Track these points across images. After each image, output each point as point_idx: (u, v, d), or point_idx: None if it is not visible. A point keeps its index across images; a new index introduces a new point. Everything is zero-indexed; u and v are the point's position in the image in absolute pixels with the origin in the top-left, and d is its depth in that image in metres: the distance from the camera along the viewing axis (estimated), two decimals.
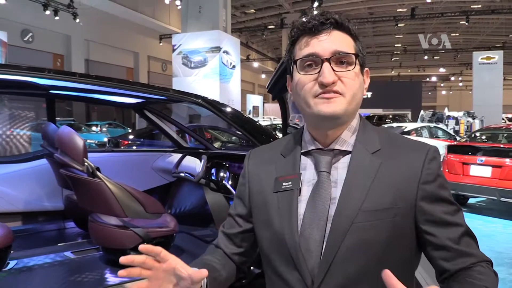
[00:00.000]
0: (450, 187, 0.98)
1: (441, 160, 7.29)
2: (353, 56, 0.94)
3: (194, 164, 3.40)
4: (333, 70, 0.92)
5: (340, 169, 0.96)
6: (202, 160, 2.89)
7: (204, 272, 0.84)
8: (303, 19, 0.97)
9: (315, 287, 0.90)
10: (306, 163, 1.01)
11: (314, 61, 0.94)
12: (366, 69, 1.01)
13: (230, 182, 2.89)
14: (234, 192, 2.79)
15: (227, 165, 2.99)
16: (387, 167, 0.94)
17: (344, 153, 0.98)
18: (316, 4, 16.96)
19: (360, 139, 0.98)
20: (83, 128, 15.94)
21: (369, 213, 0.90)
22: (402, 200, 0.91)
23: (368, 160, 0.95)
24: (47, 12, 16.46)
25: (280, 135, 5.30)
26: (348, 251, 0.89)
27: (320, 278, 0.90)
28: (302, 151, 1.02)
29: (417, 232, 0.94)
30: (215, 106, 2.63)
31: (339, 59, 0.93)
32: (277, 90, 2.27)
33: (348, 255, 0.89)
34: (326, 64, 0.92)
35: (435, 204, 0.93)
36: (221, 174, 2.95)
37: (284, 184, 0.99)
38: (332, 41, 0.93)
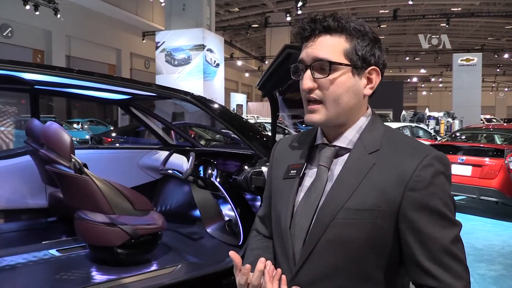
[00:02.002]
0: (449, 199, 0.91)
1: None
2: (328, 64, 0.94)
3: (181, 162, 3.38)
4: (314, 77, 0.96)
5: (339, 166, 1.00)
6: (191, 157, 2.87)
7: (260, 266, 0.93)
8: (298, 25, 1.00)
9: (293, 272, 0.96)
10: (315, 155, 1.06)
11: (304, 67, 0.99)
12: (372, 67, 0.99)
13: (218, 180, 2.88)
14: (222, 189, 2.79)
15: (215, 162, 2.98)
16: (379, 168, 0.93)
17: (346, 150, 1.00)
18: (300, 3, 17.01)
19: (362, 138, 0.99)
20: (64, 125, 15.66)
21: (351, 211, 0.91)
22: (386, 204, 0.90)
23: (363, 159, 0.96)
24: (27, 7, 16.11)
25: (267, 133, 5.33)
26: (327, 244, 0.92)
27: (299, 265, 0.95)
28: (314, 144, 1.08)
29: (399, 240, 0.93)
30: (203, 103, 2.62)
31: (320, 65, 0.96)
32: (269, 87, 2.28)
33: (326, 247, 0.93)
34: (307, 71, 0.97)
35: (419, 212, 0.89)
36: (209, 171, 2.94)
37: (291, 172, 1.05)
38: (316, 48, 0.96)
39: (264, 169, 2.40)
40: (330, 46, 0.95)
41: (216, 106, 2.72)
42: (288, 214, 0.99)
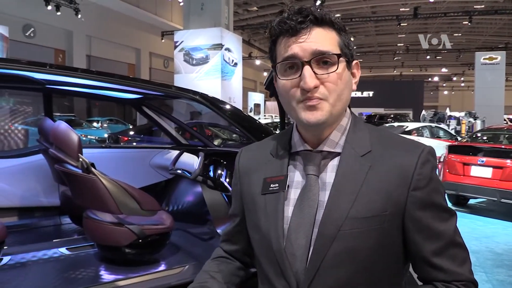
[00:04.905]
0: (444, 191, 0.93)
1: (438, 160, 7.23)
2: (336, 56, 0.87)
3: (192, 161, 3.37)
4: (315, 73, 0.87)
5: (329, 172, 0.92)
6: (199, 157, 2.86)
7: None
8: (281, 17, 0.90)
9: None
10: (295, 164, 0.97)
11: (295, 64, 0.89)
12: (355, 61, 0.95)
13: (227, 180, 2.86)
14: (231, 189, 2.76)
15: (225, 162, 2.96)
16: (376, 171, 0.89)
17: (333, 154, 0.93)
18: (318, 2, 16.89)
19: (349, 140, 0.93)
20: (83, 124, 15.92)
21: (356, 220, 0.86)
22: (391, 207, 0.87)
23: (357, 163, 0.90)
24: (49, 7, 16.42)
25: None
26: (335, 258, 0.86)
27: (307, 284, 0.87)
28: (291, 151, 0.98)
29: (404, 239, 0.91)
30: (213, 103, 2.60)
31: (320, 59, 0.87)
32: (274, 87, 2.24)
33: (335, 261, 0.86)
34: (306, 68, 0.86)
35: (425, 210, 0.88)
36: (219, 171, 2.92)
37: (271, 186, 0.96)
38: (312, 41, 0.87)
39: None
40: (328, 39, 0.88)
41: (227, 107, 2.69)
42: (279, 233, 0.90)
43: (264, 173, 0.99)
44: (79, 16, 17.60)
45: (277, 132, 2.53)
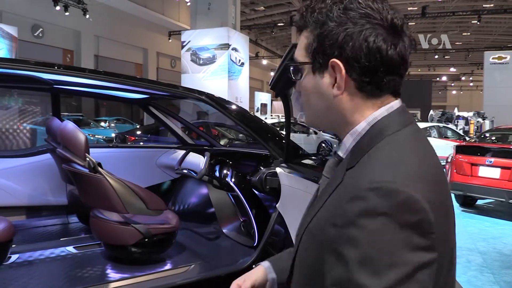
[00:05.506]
0: (386, 257, 0.60)
1: (445, 161, 7.14)
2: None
3: (198, 161, 3.38)
4: None
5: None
6: (205, 157, 2.87)
7: None
8: None
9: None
10: None
11: None
12: (331, 60, 0.75)
13: (233, 180, 2.86)
14: (237, 189, 2.77)
15: (231, 162, 2.97)
16: (339, 189, 0.74)
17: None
18: None
19: (354, 149, 0.80)
20: (91, 123, 16.01)
21: (308, 232, 0.79)
22: (323, 236, 0.71)
23: (339, 175, 0.78)
24: (57, 8, 16.54)
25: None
26: (298, 261, 0.84)
27: (287, 275, 0.92)
28: None
29: None
30: (219, 104, 2.61)
31: None
32: (280, 87, 2.23)
33: (297, 264, 0.84)
34: None
35: (329, 257, 0.67)
36: (224, 171, 2.92)
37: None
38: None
39: (279, 170, 2.36)
40: (300, 45, 0.84)
41: (233, 107, 2.70)
42: (299, 226, 0.88)
43: None
44: (87, 16, 17.71)
45: (283, 132, 2.53)
